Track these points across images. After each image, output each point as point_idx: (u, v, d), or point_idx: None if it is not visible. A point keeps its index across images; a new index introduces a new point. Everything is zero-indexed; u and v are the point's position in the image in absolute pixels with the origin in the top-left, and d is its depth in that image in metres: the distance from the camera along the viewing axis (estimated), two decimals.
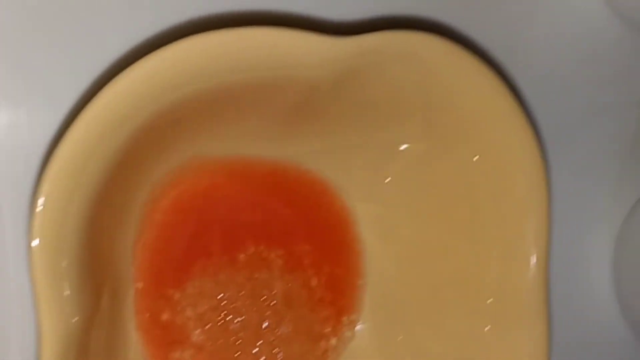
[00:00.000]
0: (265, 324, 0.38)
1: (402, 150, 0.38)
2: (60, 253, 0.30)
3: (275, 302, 0.38)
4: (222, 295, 0.37)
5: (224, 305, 0.37)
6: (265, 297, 0.38)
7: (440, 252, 0.39)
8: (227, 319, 0.37)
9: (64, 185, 0.30)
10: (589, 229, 0.47)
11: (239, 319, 0.37)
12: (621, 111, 0.46)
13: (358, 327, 0.40)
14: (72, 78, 0.34)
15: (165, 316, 0.36)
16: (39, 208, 0.30)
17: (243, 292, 0.38)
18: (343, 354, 0.40)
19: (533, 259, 0.36)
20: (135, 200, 0.36)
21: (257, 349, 0.38)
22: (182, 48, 0.31)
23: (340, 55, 0.33)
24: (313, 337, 0.39)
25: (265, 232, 0.38)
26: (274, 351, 0.38)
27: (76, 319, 0.31)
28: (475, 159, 0.37)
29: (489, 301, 0.38)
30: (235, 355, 0.38)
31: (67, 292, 0.31)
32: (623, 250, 0.47)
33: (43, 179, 0.30)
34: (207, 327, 0.37)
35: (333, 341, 0.39)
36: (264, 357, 0.38)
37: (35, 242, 0.30)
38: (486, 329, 0.37)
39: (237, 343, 0.38)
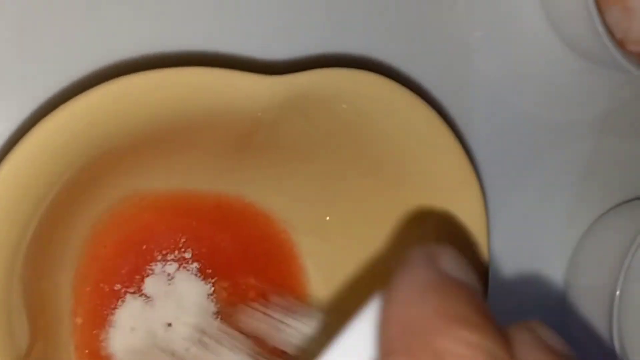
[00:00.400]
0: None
1: (343, 186, 0.38)
2: None
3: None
4: None
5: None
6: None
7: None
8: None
9: None
10: (542, 257, 0.47)
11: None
12: (574, 139, 0.46)
13: None
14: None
15: (104, 352, 0.36)
16: None
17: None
18: None
19: None
20: (74, 236, 0.35)
21: None
22: (113, 89, 0.31)
23: (274, 93, 0.33)
24: None
25: (210, 265, 0.38)
26: None
27: None
28: (416, 198, 0.37)
29: None
30: None
31: None
32: (575, 278, 0.47)
33: None
34: None
35: None
36: None
37: None
38: None
39: None
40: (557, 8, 0.43)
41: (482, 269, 0.37)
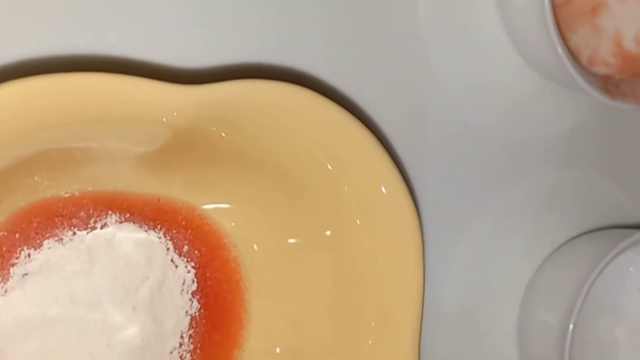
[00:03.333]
0: None
1: (271, 206, 0.36)
2: None
3: None
4: None
5: None
6: None
7: (318, 312, 0.37)
8: None
9: None
10: (499, 285, 0.45)
11: None
12: (534, 163, 0.44)
13: None
14: None
15: None
16: None
17: None
18: None
19: (408, 323, 0.34)
20: None
21: None
22: (18, 88, 0.29)
23: (192, 103, 0.31)
24: None
25: None
26: None
27: None
28: (357, 221, 0.35)
29: None
30: None
31: None
32: (530, 307, 0.45)
33: None
34: None
35: None
36: None
37: None
38: None
39: None
40: (516, 24, 0.41)
41: (417, 297, 0.34)
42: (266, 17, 0.36)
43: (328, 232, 0.36)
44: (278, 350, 0.37)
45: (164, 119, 0.31)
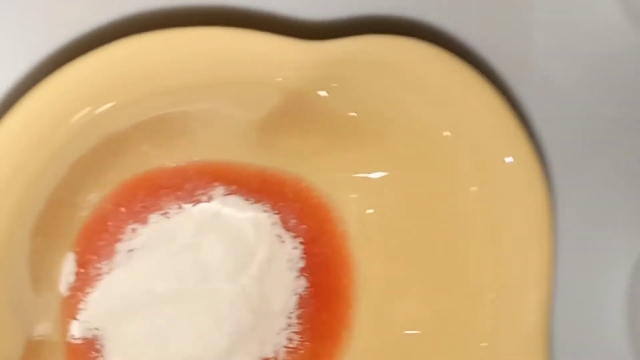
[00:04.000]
0: None
1: (384, 177, 0.34)
2: None
3: None
4: None
5: None
6: None
7: (428, 290, 0.34)
8: None
9: None
10: (604, 267, 0.42)
11: None
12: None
13: None
14: None
15: None
16: None
17: None
18: None
19: (533, 305, 0.32)
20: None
21: None
22: (123, 48, 0.27)
23: (313, 62, 0.29)
24: None
25: None
26: None
27: None
28: (472, 189, 0.32)
29: (482, 345, 0.33)
30: None
31: None
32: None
33: None
34: None
35: None
36: None
37: None
38: None
39: None
40: None
41: (544, 284, 0.32)
42: None
43: (442, 205, 0.34)
44: (395, 330, 0.35)
45: (280, 79, 0.29)
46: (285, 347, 0.34)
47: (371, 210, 0.35)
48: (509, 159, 0.32)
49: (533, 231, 0.32)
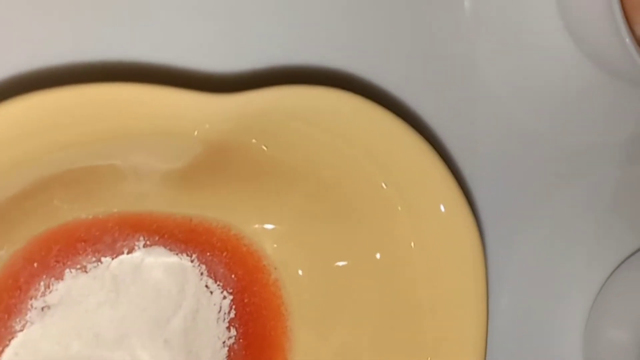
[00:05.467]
0: None
1: (316, 225, 0.32)
2: None
3: None
4: None
5: None
6: None
7: (368, 343, 0.33)
8: None
9: None
10: (562, 299, 0.41)
11: None
12: (596, 168, 0.40)
13: None
14: None
15: None
16: None
17: None
18: None
19: None
20: None
21: None
22: (40, 101, 0.26)
23: (228, 115, 0.28)
24: None
25: None
26: None
27: None
28: (412, 244, 0.31)
29: None
30: None
31: None
32: (598, 324, 0.41)
33: None
34: None
35: None
36: None
37: None
38: None
39: None
40: (576, 16, 0.37)
41: (481, 322, 0.31)
42: (299, 14, 0.32)
43: (378, 255, 0.32)
44: None
45: (195, 132, 0.28)
46: None
47: (300, 264, 0.33)
48: (442, 208, 0.30)
49: (468, 281, 0.31)
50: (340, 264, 0.33)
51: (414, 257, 0.31)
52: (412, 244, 0.31)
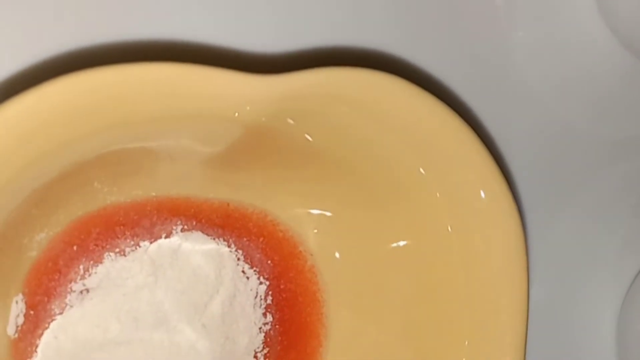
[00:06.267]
0: None
1: (353, 211, 0.32)
2: None
3: None
4: None
5: None
6: None
7: (401, 329, 0.33)
8: None
9: None
10: (594, 289, 0.41)
11: None
12: (630, 157, 0.40)
13: None
14: None
15: None
16: None
17: None
18: None
19: (508, 348, 0.30)
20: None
21: None
22: (78, 82, 0.26)
23: (269, 97, 0.27)
24: None
25: None
26: None
27: None
28: (446, 227, 0.31)
29: None
30: None
31: None
32: (631, 317, 0.41)
33: None
34: None
35: None
36: None
37: None
38: None
39: None
40: (613, 4, 0.37)
41: (521, 312, 0.30)
42: None
43: (416, 242, 0.32)
44: None
45: (236, 114, 0.28)
46: None
47: (337, 251, 0.33)
48: (482, 194, 0.30)
49: (508, 270, 0.31)
50: (378, 250, 0.33)
51: (452, 244, 0.31)
52: (450, 228, 0.31)
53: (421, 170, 0.30)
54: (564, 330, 0.40)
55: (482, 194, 0.30)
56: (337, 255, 0.33)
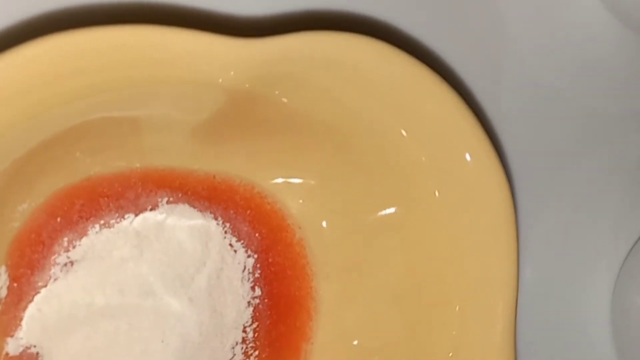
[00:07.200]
0: None
1: (339, 180, 0.32)
2: None
3: None
4: None
5: None
6: None
7: (391, 300, 0.32)
8: None
9: None
10: (588, 267, 0.40)
11: None
12: (624, 131, 0.39)
13: None
14: None
15: None
16: None
17: None
18: None
19: (499, 312, 0.30)
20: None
21: None
22: (48, 46, 0.25)
23: (253, 61, 0.27)
24: None
25: None
26: None
27: None
28: (436, 193, 0.30)
29: (448, 355, 0.31)
30: None
31: None
32: (625, 292, 0.40)
33: None
34: None
35: None
36: None
37: None
38: None
39: None
40: None
41: (511, 274, 0.30)
42: None
43: (403, 208, 0.32)
44: (355, 342, 0.33)
45: (220, 80, 0.27)
46: None
47: (325, 221, 0.33)
48: (467, 157, 0.30)
49: (497, 233, 0.30)
50: (365, 219, 0.32)
51: (440, 209, 0.31)
52: (437, 193, 0.30)
53: (403, 132, 0.30)
54: (557, 309, 0.40)
55: (468, 157, 0.29)
56: (324, 224, 0.33)
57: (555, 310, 0.40)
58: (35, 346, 0.30)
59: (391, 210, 0.32)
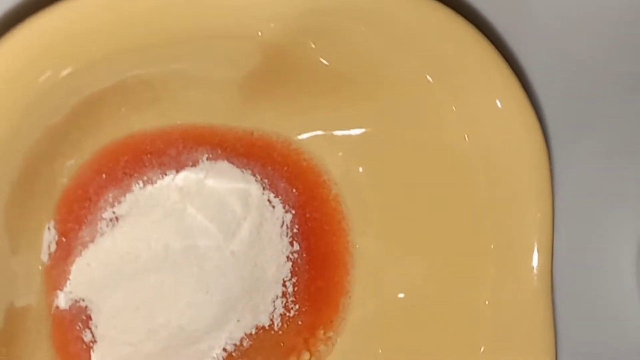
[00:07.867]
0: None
1: (377, 129, 0.32)
2: None
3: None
4: None
5: None
6: None
7: (427, 253, 0.33)
8: None
9: None
10: (615, 222, 0.41)
11: None
12: None
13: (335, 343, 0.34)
14: None
15: None
16: None
17: None
18: None
19: (535, 262, 0.30)
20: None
21: None
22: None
23: (293, 13, 0.28)
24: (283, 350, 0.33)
25: None
26: None
27: None
28: (466, 138, 0.31)
29: (484, 303, 0.32)
30: None
31: None
32: None
33: None
34: None
35: (305, 356, 0.33)
36: None
37: None
38: (481, 350, 0.31)
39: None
40: None
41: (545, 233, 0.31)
42: None
43: (437, 157, 0.32)
44: (398, 295, 0.33)
45: (259, 33, 0.28)
46: (281, 315, 0.33)
47: (361, 169, 0.33)
48: (498, 104, 0.30)
49: (531, 179, 0.31)
50: (401, 169, 0.33)
51: (471, 155, 0.31)
52: (466, 138, 0.31)
53: (429, 78, 0.30)
54: (586, 269, 0.40)
55: (498, 104, 0.30)
56: (361, 176, 0.33)
57: (583, 272, 0.40)
58: (83, 300, 0.31)
59: (427, 159, 0.32)
